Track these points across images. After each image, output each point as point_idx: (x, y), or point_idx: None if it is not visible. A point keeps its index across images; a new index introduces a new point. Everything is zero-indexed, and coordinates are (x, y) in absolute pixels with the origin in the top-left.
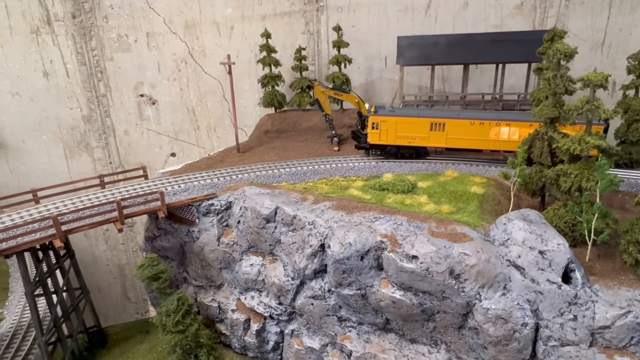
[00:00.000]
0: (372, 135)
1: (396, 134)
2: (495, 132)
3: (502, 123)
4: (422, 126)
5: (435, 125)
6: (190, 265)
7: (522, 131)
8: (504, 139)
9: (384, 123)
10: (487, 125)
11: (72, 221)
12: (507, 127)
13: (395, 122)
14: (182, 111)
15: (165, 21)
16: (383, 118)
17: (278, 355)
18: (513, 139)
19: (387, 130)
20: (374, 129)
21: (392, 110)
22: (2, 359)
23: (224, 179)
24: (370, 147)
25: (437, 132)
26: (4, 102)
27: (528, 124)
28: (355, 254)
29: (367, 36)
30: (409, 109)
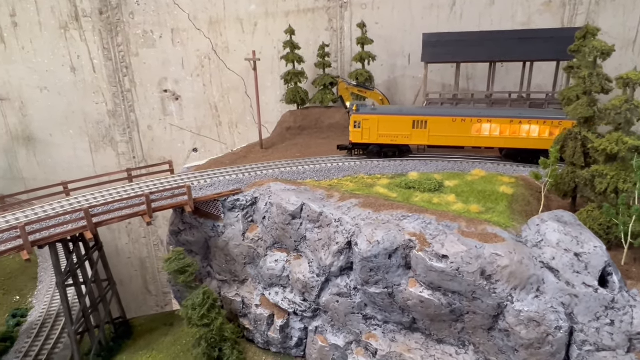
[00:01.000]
0: (354, 134)
1: (379, 133)
2: (477, 129)
3: (483, 120)
4: (404, 124)
5: (417, 122)
6: (215, 260)
7: (503, 127)
8: (485, 136)
9: (366, 121)
10: (469, 122)
11: (102, 214)
12: (488, 124)
13: (377, 120)
14: (205, 107)
15: (190, 17)
16: (365, 116)
17: (301, 352)
18: (494, 135)
19: (370, 128)
20: (356, 127)
21: (374, 109)
22: (33, 346)
23: (249, 174)
24: (352, 147)
25: (420, 129)
26: (33, 96)
27: (508, 120)
28: (383, 252)
29: (390, 33)
30: (390, 106)
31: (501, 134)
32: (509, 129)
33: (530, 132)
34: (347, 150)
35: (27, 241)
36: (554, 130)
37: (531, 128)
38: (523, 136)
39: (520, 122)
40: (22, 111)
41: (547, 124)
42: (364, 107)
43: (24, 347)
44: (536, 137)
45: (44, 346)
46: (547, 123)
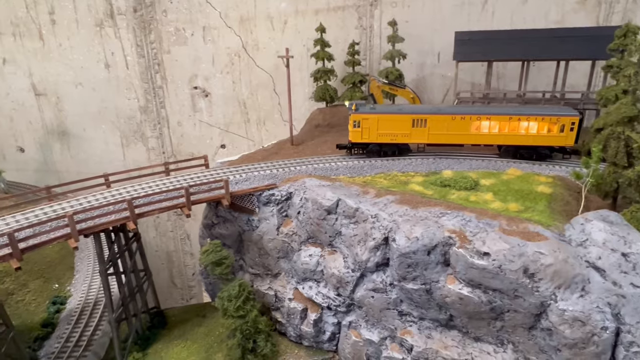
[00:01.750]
0: (353, 133)
1: (378, 132)
2: (476, 126)
3: (482, 117)
4: (404, 123)
5: (417, 121)
6: (248, 254)
7: (502, 125)
8: (484, 133)
9: (366, 121)
10: (468, 120)
11: (143, 205)
12: (487, 121)
13: (377, 119)
14: (234, 104)
15: (221, 15)
16: (364, 116)
17: (333, 346)
18: (493, 133)
19: (369, 128)
20: (356, 127)
21: (373, 108)
22: (73, 332)
23: (282, 170)
24: (352, 146)
25: (419, 128)
26: (68, 91)
27: (507, 117)
28: (422, 249)
29: (420, 31)
30: (389, 105)
31: (500, 131)
32: (507, 126)
33: (529, 129)
34: (346, 150)
35: (74, 230)
36: (552, 127)
37: (530, 125)
38: (522, 133)
39: (519, 119)
40: (57, 106)
41: (545, 121)
42: (363, 107)
43: (64, 333)
44: (535, 133)
45: (83, 333)
46: (546, 119)
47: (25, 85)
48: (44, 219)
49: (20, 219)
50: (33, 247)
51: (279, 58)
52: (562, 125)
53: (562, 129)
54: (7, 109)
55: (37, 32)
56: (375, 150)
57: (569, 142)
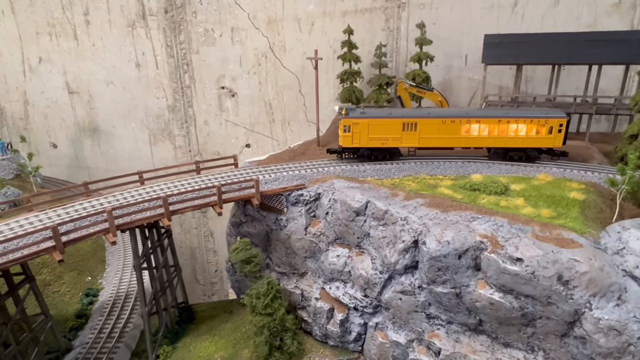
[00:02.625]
0: (344, 138)
1: (369, 136)
2: (466, 129)
3: (472, 120)
4: (394, 127)
5: (407, 125)
6: (275, 252)
7: (491, 127)
8: (474, 136)
9: (356, 125)
10: (458, 123)
11: (176, 202)
12: (477, 124)
13: (367, 124)
14: (259, 104)
15: (250, 17)
16: (354, 120)
17: (359, 347)
18: (483, 135)
19: (360, 132)
20: (346, 132)
21: (363, 112)
22: (105, 324)
23: (311, 170)
24: (342, 151)
25: (410, 132)
26: (100, 90)
27: (497, 119)
28: (453, 253)
29: (448, 34)
30: (379, 110)
31: (490, 133)
32: (497, 129)
33: (518, 131)
34: (337, 154)
35: (113, 225)
36: (540, 129)
37: (519, 127)
38: (511, 135)
39: (508, 121)
40: (89, 104)
41: (533, 123)
42: (353, 111)
43: (97, 324)
44: (524, 135)
45: (115, 325)
46: (534, 122)
47: (60, 83)
48: (84, 213)
49: (62, 213)
50: (74, 241)
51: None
52: (551, 127)
53: (551, 131)
54: (41, 106)
55: (72, 32)
56: (367, 154)
57: (557, 143)
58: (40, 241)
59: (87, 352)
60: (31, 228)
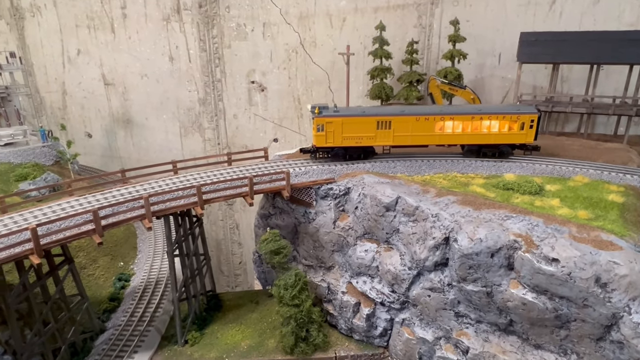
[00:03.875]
0: (317, 137)
1: (343, 135)
2: (440, 127)
3: (446, 117)
4: (368, 125)
5: (381, 123)
6: (302, 245)
7: (465, 124)
8: (448, 133)
9: (330, 124)
10: (432, 120)
11: (209, 192)
12: (451, 121)
13: (341, 122)
14: (288, 99)
15: (282, 12)
16: (328, 119)
17: (384, 342)
18: (456, 132)
19: (333, 131)
20: (320, 131)
21: (337, 111)
22: (137, 308)
23: (340, 165)
24: (316, 150)
25: (384, 130)
26: (134, 82)
27: (470, 116)
28: (486, 251)
29: (481, 31)
30: (353, 107)
31: (463, 130)
32: (470, 125)
33: (491, 128)
34: (310, 154)
35: (149, 211)
36: (513, 125)
37: (491, 123)
38: (484, 132)
39: (481, 118)
40: (124, 96)
41: (506, 119)
42: (326, 110)
43: (129, 308)
44: (496, 132)
45: (146, 309)
46: (506, 118)
47: (96, 75)
48: (122, 199)
49: (100, 198)
50: (113, 225)
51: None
52: (522, 123)
53: (522, 127)
54: (79, 97)
55: (109, 26)
56: (341, 154)
57: (529, 139)
58: (81, 224)
59: (119, 334)
60: (72, 211)
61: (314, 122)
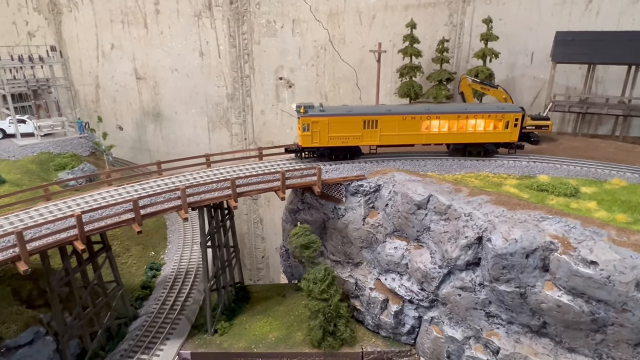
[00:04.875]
0: (303, 137)
1: (329, 135)
2: (426, 126)
3: (432, 116)
4: (355, 125)
5: (368, 122)
6: (330, 241)
7: (451, 123)
8: (434, 132)
9: (316, 124)
10: (419, 119)
11: (242, 185)
12: (437, 120)
13: (327, 122)
14: (316, 96)
15: (311, 9)
16: (314, 119)
17: (411, 340)
18: (442, 132)
19: (319, 131)
20: (305, 130)
21: (323, 110)
22: (168, 297)
23: (371, 163)
24: (301, 150)
25: (370, 129)
26: (165, 77)
27: (456, 115)
28: (520, 251)
29: (514, 30)
30: (338, 107)
31: (449, 129)
32: (456, 124)
33: (477, 126)
34: (295, 154)
35: (185, 202)
36: (497, 124)
37: (477, 122)
38: (470, 130)
39: (467, 117)
40: (154, 90)
41: (491, 118)
42: (312, 109)
43: (161, 296)
44: (482, 130)
45: (177, 298)
46: (492, 117)
47: (129, 69)
48: (159, 190)
49: (138, 188)
50: (150, 215)
51: (363, 53)
52: (507, 122)
53: (507, 125)
54: (111, 90)
55: (142, 21)
56: (327, 154)
57: (513, 137)
58: (121, 212)
59: (152, 321)
60: (113, 201)
61: (299, 122)
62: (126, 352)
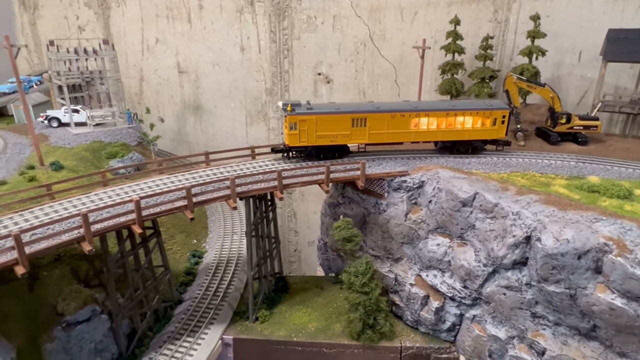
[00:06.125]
0: (290, 137)
1: (317, 134)
2: (415, 123)
3: (421, 114)
4: (343, 123)
5: (356, 120)
6: (370, 235)
7: (440, 121)
8: (423, 130)
9: (303, 122)
10: (407, 117)
11: (288, 177)
12: (426, 118)
13: (315, 120)
14: (354, 92)
15: (352, 5)
16: (302, 117)
17: (451, 337)
18: (431, 129)
19: (307, 130)
20: (293, 129)
21: (310, 108)
22: (211, 283)
23: (413, 158)
24: (288, 150)
25: (359, 127)
26: (207, 71)
27: (444, 112)
28: (572, 252)
29: (562, 27)
30: (325, 104)
31: (438, 127)
32: (445, 122)
33: (465, 124)
34: (282, 154)
35: (234, 192)
36: (485, 121)
37: (465, 119)
38: (458, 128)
39: (455, 114)
40: (196, 83)
41: (479, 115)
42: (299, 107)
43: (203, 283)
44: (470, 128)
45: (219, 285)
46: (480, 114)
47: (172, 63)
48: (208, 180)
49: (189, 177)
50: (201, 203)
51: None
52: (495, 119)
53: (495, 122)
54: (154, 83)
55: (186, 16)
56: (315, 153)
57: (500, 134)
58: (174, 200)
59: (196, 306)
60: (166, 188)
61: (286, 120)
62: (173, 334)
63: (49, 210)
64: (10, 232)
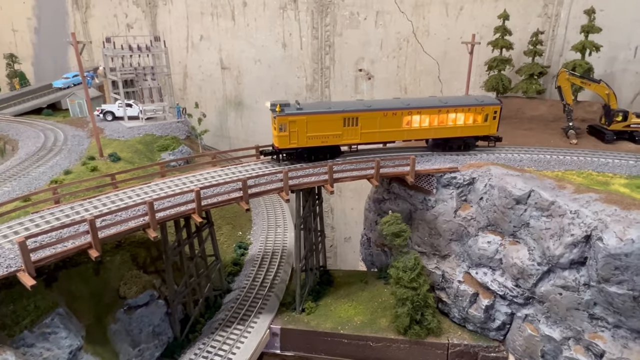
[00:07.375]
0: (280, 138)
1: (307, 134)
2: (407, 121)
3: (413, 112)
4: (334, 123)
5: (348, 120)
6: (416, 232)
7: (432, 118)
8: (415, 128)
9: (293, 123)
10: (400, 115)
11: (338, 172)
12: (418, 115)
13: (305, 121)
14: (395, 88)
15: (396, 1)
16: (291, 118)
17: (501, 336)
18: (424, 127)
19: (297, 131)
20: (282, 131)
21: (300, 108)
22: (257, 274)
23: (463, 156)
24: (278, 152)
25: (351, 127)
26: (249, 67)
27: (437, 109)
28: (637, 252)
29: (616, 22)
30: (315, 103)
31: (430, 124)
32: (437, 119)
33: (457, 120)
34: (271, 156)
35: (287, 185)
36: (477, 117)
37: (457, 116)
38: (450, 125)
39: (447, 111)
40: (237, 79)
41: (471, 111)
42: (288, 107)
43: (250, 273)
44: (462, 124)
45: (266, 276)
46: (471, 110)
47: (215, 59)
48: (261, 173)
49: (242, 170)
50: (256, 195)
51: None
52: (486, 115)
53: (486, 118)
54: (197, 79)
55: (230, 13)
56: (306, 155)
57: (492, 130)
58: (230, 191)
59: (244, 295)
60: (221, 180)
61: (275, 122)
62: (223, 321)
63: (115, 199)
64: (83, 217)
